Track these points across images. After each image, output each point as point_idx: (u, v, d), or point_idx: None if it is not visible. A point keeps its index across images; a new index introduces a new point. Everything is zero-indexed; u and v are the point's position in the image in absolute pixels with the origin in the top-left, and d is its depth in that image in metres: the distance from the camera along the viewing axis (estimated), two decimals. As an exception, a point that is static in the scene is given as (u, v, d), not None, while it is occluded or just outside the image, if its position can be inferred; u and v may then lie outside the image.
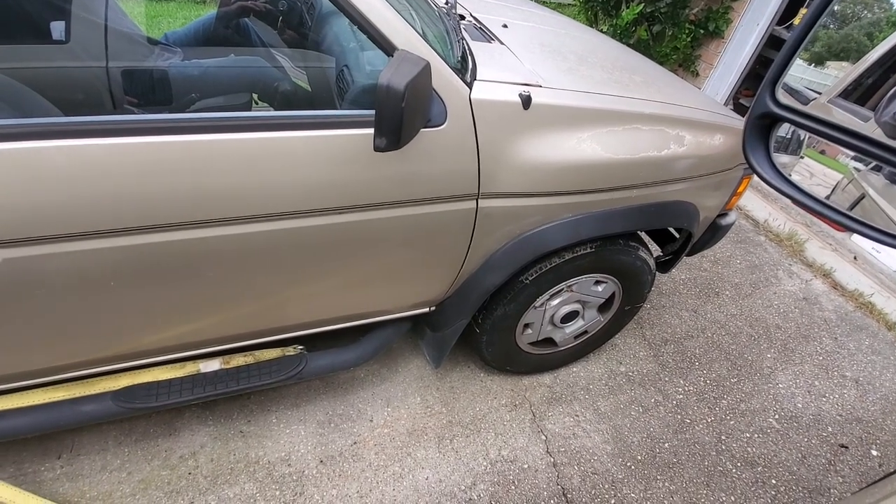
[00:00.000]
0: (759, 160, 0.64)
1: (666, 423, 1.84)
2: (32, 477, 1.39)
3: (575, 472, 1.63)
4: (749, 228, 3.14)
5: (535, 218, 1.33)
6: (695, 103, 1.56)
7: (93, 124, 0.85)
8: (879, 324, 2.52)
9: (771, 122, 0.62)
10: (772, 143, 0.64)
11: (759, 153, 0.64)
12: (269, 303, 1.21)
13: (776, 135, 0.64)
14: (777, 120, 0.60)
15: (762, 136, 0.64)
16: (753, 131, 0.64)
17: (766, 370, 2.14)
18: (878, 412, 2.04)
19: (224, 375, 1.37)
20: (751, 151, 0.64)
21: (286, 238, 1.06)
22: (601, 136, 1.29)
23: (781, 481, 1.71)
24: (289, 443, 1.57)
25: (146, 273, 0.99)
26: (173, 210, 0.93)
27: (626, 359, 2.07)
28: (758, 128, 0.64)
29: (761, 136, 0.64)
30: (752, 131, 0.64)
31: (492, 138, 1.15)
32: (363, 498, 1.47)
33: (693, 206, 1.58)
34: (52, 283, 0.93)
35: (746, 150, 0.65)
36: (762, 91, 0.60)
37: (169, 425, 1.57)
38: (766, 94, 0.59)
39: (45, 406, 1.23)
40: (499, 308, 1.53)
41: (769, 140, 0.64)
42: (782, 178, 0.62)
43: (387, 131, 0.86)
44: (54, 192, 0.84)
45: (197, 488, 1.43)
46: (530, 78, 1.23)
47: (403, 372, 1.85)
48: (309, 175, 1.00)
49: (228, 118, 0.93)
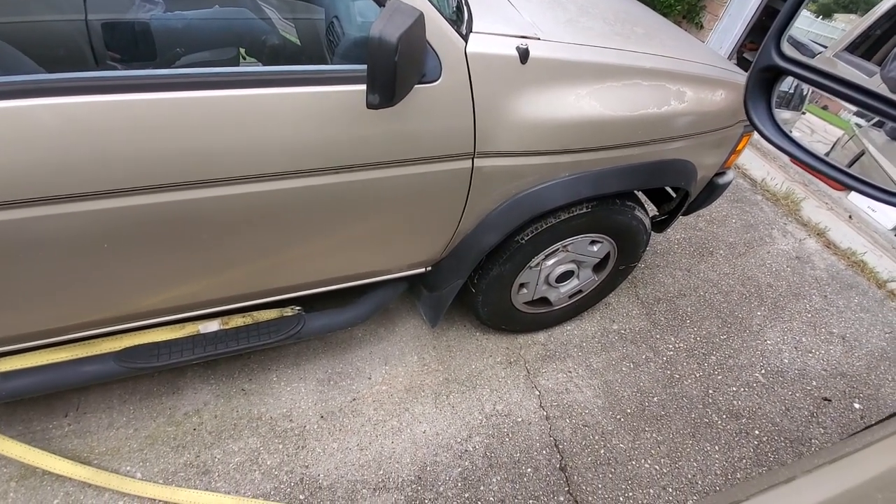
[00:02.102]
0: (761, 115, 0.63)
1: (656, 378, 1.89)
2: (41, 435, 1.43)
3: (566, 425, 1.69)
4: (746, 187, 3.13)
5: (531, 177, 1.32)
6: (697, 57, 1.51)
7: (78, 81, 0.82)
8: (870, 282, 2.56)
9: (774, 76, 0.61)
10: (774, 97, 0.62)
11: (760, 108, 0.62)
12: (265, 264, 1.21)
13: (778, 89, 0.62)
14: (781, 73, 0.58)
15: (765, 90, 0.62)
16: (756, 85, 0.62)
17: (755, 327, 2.18)
18: (862, 367, 2.10)
19: (223, 336, 1.39)
20: (752, 106, 0.63)
21: (279, 199, 1.05)
22: (600, 92, 1.26)
23: (764, 432, 1.79)
24: (290, 400, 1.62)
25: (138, 235, 0.98)
26: (162, 171, 0.91)
27: (619, 317, 2.11)
28: (761, 81, 0.62)
29: (764, 91, 0.62)
30: (755, 85, 0.62)
31: (488, 94, 1.11)
32: (363, 450, 1.53)
33: (691, 164, 1.56)
34: (44, 245, 0.92)
35: (748, 105, 0.63)
36: (767, 43, 0.57)
37: (172, 384, 1.60)
38: (772, 46, 0.56)
39: (48, 367, 1.25)
40: (494, 268, 1.53)
41: (771, 95, 0.63)
42: (783, 134, 0.61)
43: (380, 87, 0.84)
44: (40, 153, 0.81)
45: (202, 443, 1.48)
46: (528, 30, 1.19)
47: (401, 331, 1.88)
48: (300, 134, 0.98)
49: (215, 74, 0.90)
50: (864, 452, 0.47)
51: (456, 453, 1.56)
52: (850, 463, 0.46)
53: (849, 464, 0.46)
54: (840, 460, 0.46)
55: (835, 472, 0.45)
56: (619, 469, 1.60)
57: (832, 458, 0.47)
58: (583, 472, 1.58)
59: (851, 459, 0.46)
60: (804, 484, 0.44)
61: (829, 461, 0.47)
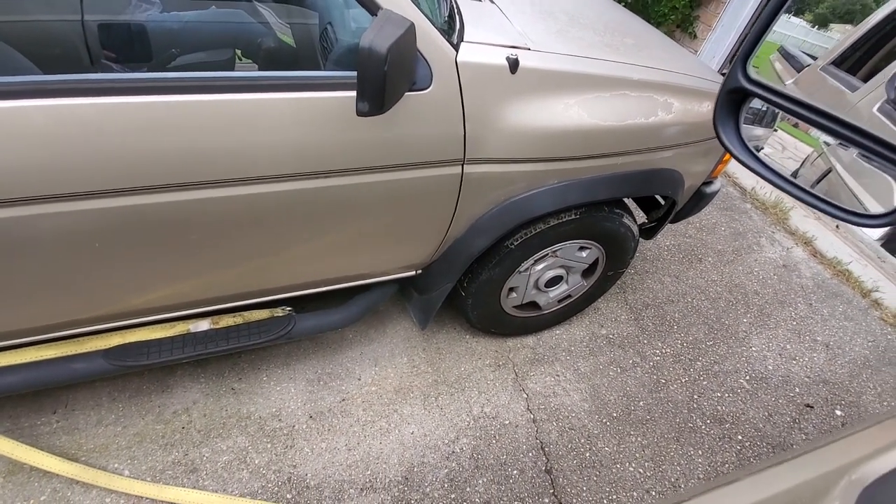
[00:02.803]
0: (729, 135, 0.65)
1: (642, 382, 1.92)
2: (29, 431, 1.44)
3: (553, 428, 1.71)
4: (736, 196, 3.17)
5: (520, 184, 1.34)
6: (685, 69, 1.54)
7: (73, 83, 0.83)
8: (854, 291, 2.60)
9: (742, 98, 0.63)
10: (741, 118, 0.65)
11: (728, 128, 0.65)
12: (255, 266, 1.23)
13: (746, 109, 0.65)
14: (748, 95, 0.61)
15: (732, 111, 0.65)
16: (724, 106, 0.65)
17: (741, 334, 2.22)
18: (845, 375, 2.14)
19: (214, 335, 1.40)
20: (720, 126, 0.65)
21: (270, 202, 1.06)
22: (588, 102, 1.28)
23: (747, 437, 1.82)
24: (279, 399, 1.63)
25: (129, 235, 1.00)
26: (154, 172, 0.92)
27: (608, 322, 2.13)
28: (728, 102, 0.64)
29: (731, 111, 0.65)
30: (723, 106, 0.65)
31: (478, 103, 1.14)
32: (351, 451, 1.54)
33: (679, 173, 1.59)
34: (34, 243, 0.93)
35: (717, 124, 0.66)
36: (734, 66, 0.60)
37: (161, 382, 1.61)
38: (738, 70, 0.59)
39: (36, 364, 1.25)
40: (484, 272, 1.56)
41: (739, 115, 0.65)
42: (749, 153, 0.63)
43: (369, 96, 0.86)
44: (34, 153, 0.83)
45: (191, 441, 1.49)
46: (518, 40, 1.21)
47: (391, 333, 1.90)
48: (293, 138, 1.00)
49: (211, 78, 0.92)
50: (802, 459, 0.49)
51: (443, 454, 1.58)
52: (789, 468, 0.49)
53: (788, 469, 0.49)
54: (781, 464, 0.49)
55: (774, 475, 0.48)
56: (604, 472, 1.62)
57: (774, 462, 0.50)
58: (568, 474, 1.60)
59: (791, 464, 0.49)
60: (744, 486, 0.46)
61: (771, 465, 0.49)
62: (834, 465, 0.47)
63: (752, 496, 0.45)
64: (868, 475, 0.43)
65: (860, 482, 0.42)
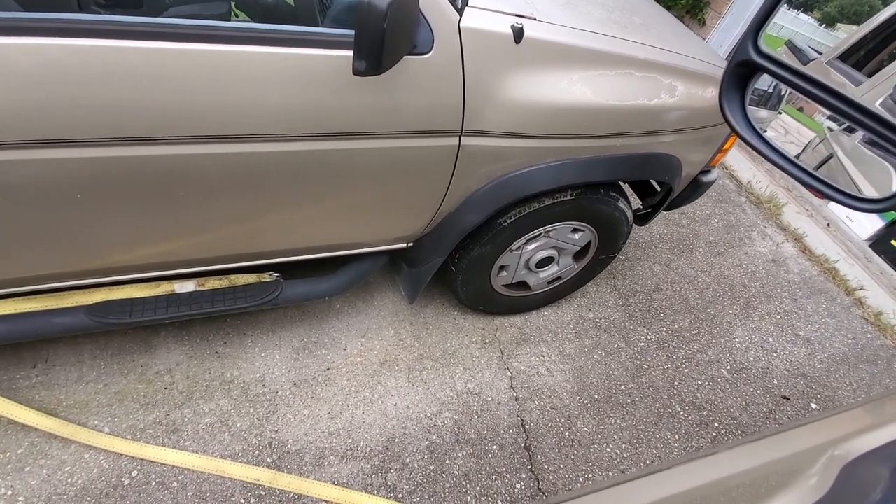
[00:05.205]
0: (734, 111, 0.63)
1: (625, 367, 1.94)
2: (7, 384, 1.42)
3: (535, 407, 1.73)
4: (732, 188, 3.17)
5: (518, 160, 1.32)
6: (692, 52, 1.51)
7: (57, 22, 0.79)
8: (839, 289, 2.64)
9: (750, 72, 0.61)
10: (748, 94, 0.63)
11: (734, 104, 0.63)
12: (243, 227, 1.20)
13: (753, 86, 0.63)
14: (756, 70, 0.59)
15: (739, 86, 0.63)
16: (731, 80, 0.63)
17: (725, 325, 2.24)
18: (823, 370, 2.18)
19: (199, 297, 1.38)
20: (726, 101, 0.64)
21: (259, 162, 1.03)
22: (592, 79, 1.25)
23: (723, 425, 1.86)
24: (263, 365, 1.63)
25: (112, 188, 0.97)
26: (140, 123, 0.89)
27: (596, 306, 2.14)
28: (736, 76, 0.62)
29: (738, 86, 0.63)
30: (730, 80, 0.63)
31: (479, 72, 1.11)
32: (333, 419, 1.55)
33: (677, 159, 1.58)
34: (13, 190, 0.90)
35: (722, 100, 0.64)
36: (744, 38, 0.58)
37: (145, 342, 1.60)
38: (749, 42, 0.57)
39: (16, 316, 1.23)
40: (475, 248, 1.54)
41: (746, 91, 0.63)
42: (753, 131, 0.62)
43: (367, 54, 0.83)
44: (13, 94, 0.79)
45: (172, 402, 1.49)
46: (525, 9, 1.17)
47: (379, 306, 1.89)
48: (284, 96, 0.96)
49: (201, 27, 0.88)
50: (783, 435, 0.50)
51: (425, 427, 1.59)
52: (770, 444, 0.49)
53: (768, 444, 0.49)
54: (762, 440, 0.49)
55: (753, 450, 0.48)
56: (582, 451, 1.65)
57: (755, 438, 0.51)
58: (546, 452, 1.62)
59: (772, 440, 0.50)
60: (722, 458, 0.47)
61: (752, 441, 0.50)
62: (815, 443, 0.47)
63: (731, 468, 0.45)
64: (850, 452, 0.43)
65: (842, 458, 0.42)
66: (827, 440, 0.47)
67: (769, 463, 0.45)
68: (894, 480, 0.40)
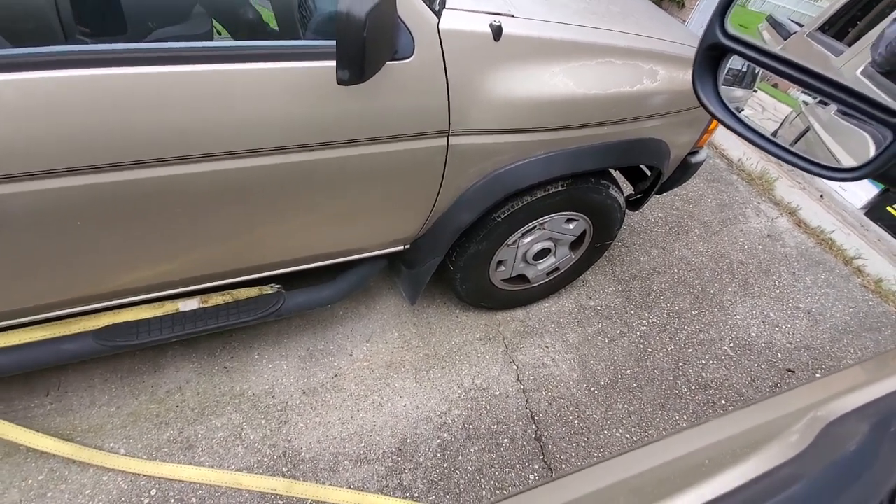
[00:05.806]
0: (707, 93, 0.65)
1: (629, 352, 1.96)
2: (23, 413, 1.44)
3: (543, 398, 1.75)
4: (723, 167, 3.19)
5: (506, 155, 1.34)
6: (672, 37, 1.53)
7: (46, 55, 0.81)
8: (837, 259, 2.65)
9: (720, 54, 0.63)
10: (721, 75, 0.65)
11: (707, 86, 0.65)
12: (241, 242, 1.22)
13: (726, 67, 0.65)
14: (726, 51, 0.61)
15: (711, 67, 0.65)
16: (703, 63, 0.64)
17: (725, 303, 2.26)
18: (826, 340, 2.20)
19: (203, 314, 1.40)
20: (699, 84, 0.65)
21: (251, 176, 1.05)
22: (574, 70, 1.27)
23: (730, 402, 1.87)
24: (272, 377, 1.65)
25: (110, 213, 0.98)
26: (132, 148, 0.91)
27: (596, 294, 2.16)
28: (707, 59, 0.64)
29: (710, 68, 0.65)
30: (702, 63, 0.64)
31: (462, 72, 1.12)
32: (345, 424, 1.57)
33: (664, 143, 1.59)
34: (14, 222, 0.92)
35: (695, 82, 0.66)
36: (711, 22, 0.60)
37: (153, 362, 1.62)
38: (716, 25, 0.59)
39: (25, 346, 1.25)
40: (472, 246, 1.56)
41: (718, 73, 0.65)
42: (728, 111, 0.63)
43: (349, 63, 0.85)
44: (6, 130, 0.81)
45: (185, 419, 1.51)
46: (502, 7, 1.19)
47: (381, 309, 1.91)
48: (273, 110, 0.98)
49: (186, 49, 0.90)
50: (770, 401, 0.51)
51: (435, 426, 1.61)
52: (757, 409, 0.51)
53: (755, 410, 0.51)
54: (749, 407, 0.51)
55: (740, 417, 0.50)
56: (592, 438, 1.67)
57: (743, 406, 0.53)
58: (557, 441, 1.64)
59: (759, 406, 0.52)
60: (711, 427, 0.48)
61: (739, 409, 0.52)
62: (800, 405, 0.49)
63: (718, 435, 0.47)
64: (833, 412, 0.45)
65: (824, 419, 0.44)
66: (811, 402, 0.48)
67: (755, 428, 0.47)
68: (873, 434, 0.41)
